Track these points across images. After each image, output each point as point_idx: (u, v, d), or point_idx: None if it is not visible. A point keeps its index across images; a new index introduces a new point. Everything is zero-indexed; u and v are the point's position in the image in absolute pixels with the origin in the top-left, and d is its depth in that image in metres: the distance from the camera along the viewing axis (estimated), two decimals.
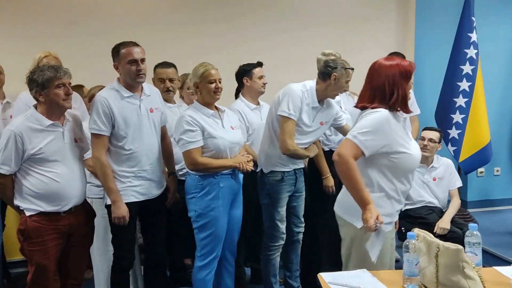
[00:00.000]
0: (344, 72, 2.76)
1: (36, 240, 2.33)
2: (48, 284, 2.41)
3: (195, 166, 2.59)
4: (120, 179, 2.55)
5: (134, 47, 2.54)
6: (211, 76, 2.60)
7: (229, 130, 2.68)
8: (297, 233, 3.04)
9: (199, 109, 2.64)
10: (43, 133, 2.31)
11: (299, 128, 2.78)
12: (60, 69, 2.34)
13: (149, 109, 2.62)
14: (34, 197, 2.32)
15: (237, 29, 4.28)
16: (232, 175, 2.69)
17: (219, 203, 2.63)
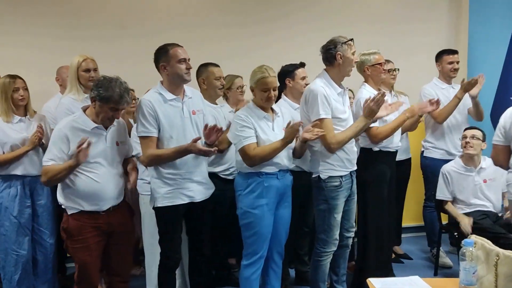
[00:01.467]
0: (346, 46, 2.75)
1: (78, 238, 2.44)
2: (92, 281, 2.52)
3: (252, 160, 2.62)
4: (167, 181, 2.59)
5: (180, 47, 2.61)
6: (266, 85, 2.64)
7: (279, 133, 2.69)
8: (347, 238, 2.99)
9: (253, 109, 2.69)
10: (87, 135, 2.41)
11: (339, 119, 2.78)
12: (124, 99, 2.41)
13: (192, 111, 2.66)
14: (76, 196, 2.43)
15: (280, 28, 4.29)
16: (278, 175, 2.69)
17: (263, 201, 2.65)
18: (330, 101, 2.73)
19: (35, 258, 3.10)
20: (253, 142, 2.62)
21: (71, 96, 3.01)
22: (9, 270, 3.00)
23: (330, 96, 2.74)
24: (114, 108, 2.43)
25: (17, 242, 2.99)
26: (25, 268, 3.03)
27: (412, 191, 4.10)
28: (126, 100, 2.43)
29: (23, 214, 3.00)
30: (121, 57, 3.89)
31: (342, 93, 2.84)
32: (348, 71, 2.81)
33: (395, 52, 3.91)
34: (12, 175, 2.97)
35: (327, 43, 2.81)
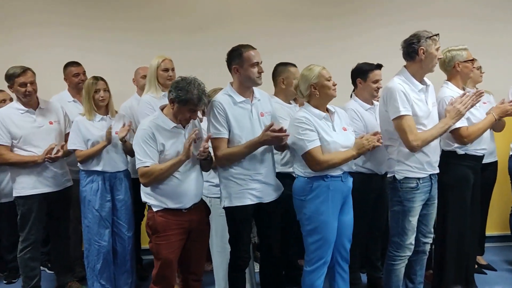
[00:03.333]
0: (430, 41, 2.59)
1: (163, 235, 2.50)
2: (171, 279, 2.58)
3: (320, 166, 2.53)
4: (237, 182, 2.61)
5: (254, 50, 2.61)
6: (329, 74, 2.58)
7: (340, 132, 2.61)
8: (424, 244, 2.83)
9: (312, 111, 2.60)
10: (168, 134, 2.50)
11: (420, 116, 2.63)
12: (202, 101, 2.47)
13: (260, 113, 2.67)
14: (160, 194, 2.51)
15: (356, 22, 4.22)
16: (342, 178, 2.61)
17: (328, 206, 2.57)
18: (409, 98, 2.60)
19: (115, 249, 3.29)
20: (318, 146, 2.52)
21: (150, 94, 3.18)
22: (92, 259, 3.23)
23: (409, 93, 2.61)
24: (192, 109, 2.49)
25: (98, 234, 3.20)
26: (106, 258, 3.23)
27: (498, 197, 3.80)
28: (204, 101, 2.48)
29: (104, 208, 3.20)
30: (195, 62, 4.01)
31: (424, 90, 2.68)
32: (430, 68, 2.66)
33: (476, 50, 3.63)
34: (94, 170, 3.17)
35: (410, 37, 2.67)
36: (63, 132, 3.32)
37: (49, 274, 3.68)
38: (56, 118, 3.29)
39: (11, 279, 3.72)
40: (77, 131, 3.14)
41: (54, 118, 3.28)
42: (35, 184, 3.16)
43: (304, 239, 2.66)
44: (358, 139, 2.62)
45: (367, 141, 2.57)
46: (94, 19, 4.12)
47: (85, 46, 4.05)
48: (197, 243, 2.65)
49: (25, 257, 3.21)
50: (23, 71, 3.12)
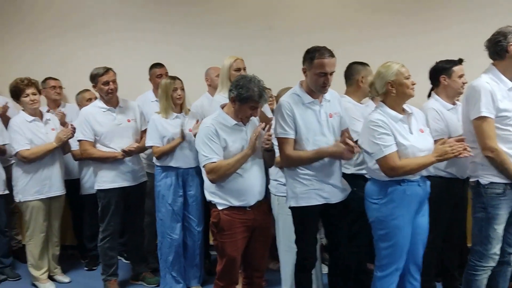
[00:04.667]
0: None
1: (228, 233, 2.53)
2: (235, 275, 2.61)
3: (395, 172, 2.40)
4: (303, 182, 2.59)
5: (329, 58, 2.50)
6: (407, 72, 2.45)
7: (417, 134, 2.47)
8: (509, 254, 2.63)
9: (387, 112, 2.46)
10: (229, 131, 2.53)
11: (507, 119, 2.44)
12: (263, 97, 2.48)
13: (329, 114, 2.62)
14: (224, 192, 2.54)
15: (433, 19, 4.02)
16: (419, 182, 2.47)
17: (403, 211, 2.44)
18: (496, 99, 2.42)
19: (185, 243, 3.41)
20: (394, 151, 2.39)
21: (223, 95, 3.18)
22: (164, 251, 3.37)
23: (497, 93, 2.43)
24: (253, 106, 2.50)
25: (170, 227, 3.33)
26: (177, 251, 3.36)
27: None
28: (264, 98, 2.49)
29: (176, 202, 3.32)
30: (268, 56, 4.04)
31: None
32: None
33: None
34: (168, 166, 3.31)
35: (495, 35, 2.51)
36: (139, 130, 3.49)
37: (125, 264, 3.90)
38: (133, 117, 3.48)
39: (91, 266, 3.98)
40: (154, 128, 3.29)
41: (131, 116, 3.47)
42: (115, 178, 3.36)
43: (376, 244, 2.57)
44: (440, 145, 2.43)
45: (451, 148, 2.37)
46: (171, 24, 4.30)
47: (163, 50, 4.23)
48: (260, 240, 2.65)
49: (104, 247, 3.42)
50: (106, 71, 3.34)
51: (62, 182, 3.63)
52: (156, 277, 3.57)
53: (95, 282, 3.59)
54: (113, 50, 4.29)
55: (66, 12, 4.40)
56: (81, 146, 3.37)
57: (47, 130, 3.54)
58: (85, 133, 3.33)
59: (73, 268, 3.94)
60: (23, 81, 3.48)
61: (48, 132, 3.53)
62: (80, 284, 3.68)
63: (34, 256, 3.56)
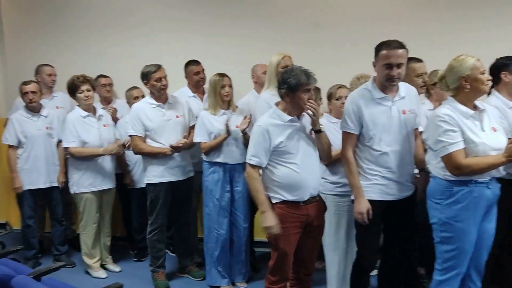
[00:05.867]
0: None
1: (281, 226, 2.52)
2: (287, 270, 2.60)
3: (460, 170, 2.30)
4: (366, 176, 2.56)
5: (395, 50, 2.45)
6: (482, 67, 2.34)
7: (490, 133, 2.34)
8: None
9: (457, 108, 2.35)
10: (284, 127, 2.52)
11: None
12: (311, 77, 2.49)
13: (402, 110, 2.55)
14: (278, 187, 2.54)
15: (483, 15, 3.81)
16: (489, 184, 2.34)
17: (469, 214, 2.32)
18: None
19: (231, 239, 3.44)
20: (461, 148, 2.28)
21: (270, 92, 3.20)
22: (211, 246, 3.41)
23: None
24: (306, 89, 2.48)
25: (218, 222, 3.37)
26: (223, 246, 3.39)
27: None
28: (313, 78, 2.48)
29: (223, 198, 3.36)
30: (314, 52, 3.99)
31: None
32: None
33: None
34: (216, 162, 3.35)
35: None
36: (187, 125, 3.56)
37: (172, 257, 3.98)
38: (181, 112, 3.54)
39: (140, 257, 4.11)
40: (202, 125, 3.35)
41: (180, 112, 3.53)
42: (163, 173, 3.44)
43: (437, 246, 2.45)
44: (510, 144, 2.30)
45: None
46: (214, 26, 4.34)
47: (206, 50, 4.27)
48: (312, 238, 2.64)
49: (153, 239, 3.52)
50: (158, 68, 3.42)
51: (113, 176, 3.77)
52: (201, 271, 3.63)
53: (143, 273, 3.70)
54: (161, 50, 4.36)
55: (117, 14, 4.55)
56: (133, 141, 3.47)
57: (99, 126, 3.69)
58: (136, 128, 3.43)
59: (123, 259, 4.08)
60: (78, 78, 3.64)
61: (100, 127, 3.68)
62: (129, 274, 3.80)
63: (87, 245, 3.73)
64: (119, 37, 4.53)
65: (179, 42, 4.41)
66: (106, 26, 4.57)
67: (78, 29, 4.63)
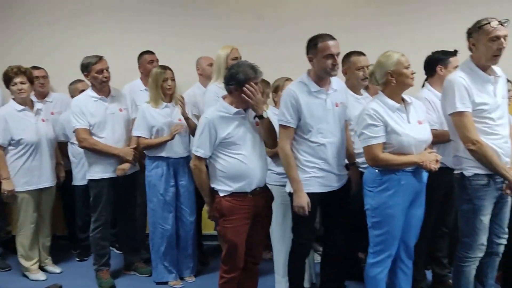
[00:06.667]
0: (482, 31, 2.35)
1: (229, 218, 2.56)
2: (239, 261, 2.63)
3: (376, 162, 2.48)
4: (304, 169, 2.62)
5: (332, 40, 2.55)
6: (407, 62, 2.46)
7: (415, 125, 2.49)
8: (497, 245, 2.64)
9: (384, 102, 2.49)
10: (231, 120, 2.54)
11: (485, 111, 2.43)
12: (258, 70, 2.52)
13: (335, 103, 2.64)
14: (225, 177, 2.56)
15: None
16: (415, 172, 2.49)
17: (397, 200, 2.48)
18: (471, 92, 2.41)
19: (178, 233, 3.40)
20: (380, 143, 2.44)
21: (218, 85, 3.17)
22: (156, 241, 3.37)
23: (471, 86, 2.42)
24: (255, 82, 2.51)
25: (162, 217, 3.32)
26: (169, 241, 3.36)
27: None
28: (260, 71, 2.52)
29: (168, 192, 3.31)
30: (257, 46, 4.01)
31: (493, 80, 2.48)
32: (492, 54, 2.42)
33: None
34: (159, 156, 3.29)
35: (473, 26, 2.47)
36: (130, 119, 3.47)
37: (118, 254, 3.89)
38: (125, 106, 3.45)
39: (83, 257, 3.97)
40: (143, 118, 3.28)
41: (123, 106, 3.44)
42: (106, 168, 3.34)
43: (369, 231, 2.60)
44: (428, 152, 2.48)
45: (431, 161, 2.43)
46: (160, 15, 4.26)
47: (151, 40, 4.18)
48: (260, 228, 2.68)
49: (96, 236, 3.41)
50: (100, 59, 3.30)
51: (52, 173, 3.59)
52: (148, 267, 3.57)
53: (87, 272, 3.58)
54: (102, 40, 4.23)
55: (57, 2, 4.34)
56: (79, 135, 3.29)
57: (37, 120, 3.50)
58: (81, 121, 3.28)
59: (65, 259, 3.93)
60: (12, 69, 3.43)
61: (37, 122, 3.49)
62: (71, 274, 3.66)
63: (24, 246, 3.54)
64: (57, 27, 4.32)
65: (121, 32, 4.29)
66: (43, 14, 4.33)
67: (15, 18, 4.35)
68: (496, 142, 2.44)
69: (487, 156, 2.41)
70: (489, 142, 2.43)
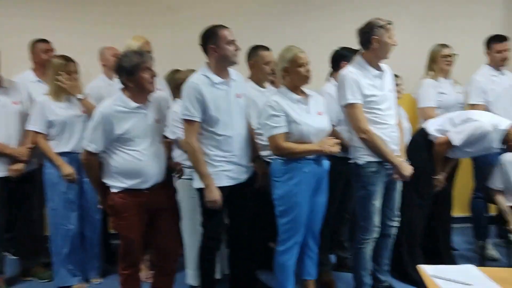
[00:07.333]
0: (383, 30, 2.59)
1: (122, 215, 2.49)
2: (135, 256, 2.59)
3: (279, 151, 2.59)
4: (212, 163, 2.61)
5: (227, 29, 2.59)
6: (301, 60, 2.57)
7: (315, 116, 2.63)
8: (390, 227, 2.89)
9: (285, 94, 2.62)
10: (129, 115, 2.45)
11: (374, 102, 2.64)
12: (145, 54, 2.47)
13: (237, 94, 2.67)
14: (119, 173, 2.48)
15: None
16: (317, 160, 2.64)
17: (301, 188, 2.60)
18: (361, 86, 2.61)
19: (83, 233, 3.23)
20: (282, 132, 2.55)
21: None
22: (58, 243, 3.15)
23: (361, 80, 2.62)
24: (144, 67, 2.42)
25: (65, 217, 3.12)
26: (73, 242, 3.17)
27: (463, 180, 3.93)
28: (147, 55, 2.48)
29: (71, 190, 3.12)
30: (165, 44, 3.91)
31: (380, 75, 2.70)
32: (385, 55, 2.67)
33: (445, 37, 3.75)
34: (60, 152, 3.09)
35: (364, 25, 2.67)
36: (26, 113, 3.20)
37: (13, 260, 3.57)
38: (19, 98, 3.17)
39: None
40: (40, 112, 3.05)
41: (17, 98, 3.16)
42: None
43: (277, 220, 2.70)
44: (327, 138, 2.63)
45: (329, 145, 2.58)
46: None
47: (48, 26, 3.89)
48: (166, 222, 2.63)
49: None
50: None
51: None
52: (48, 272, 3.33)
53: None
54: None
55: None
56: None
57: None
58: None
59: None
60: None
61: None
62: None
63: None
64: None
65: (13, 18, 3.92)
66: None
67: None
68: (384, 131, 2.67)
69: (376, 144, 2.63)
70: (378, 131, 2.65)
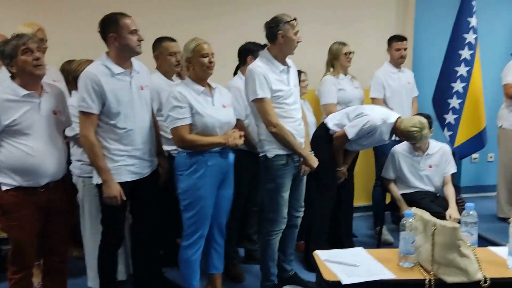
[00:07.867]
0: (288, 26, 2.69)
1: (14, 215, 2.28)
2: (27, 259, 2.38)
3: (183, 143, 2.55)
4: (113, 157, 2.50)
5: (130, 17, 2.49)
6: (204, 50, 2.55)
7: (219, 108, 2.63)
8: (296, 218, 2.98)
9: (190, 85, 2.58)
10: (18, 104, 2.24)
11: (281, 97, 2.71)
12: (24, 35, 2.27)
13: (140, 86, 2.57)
14: (9, 170, 2.26)
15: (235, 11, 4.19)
16: (221, 153, 2.64)
17: (206, 181, 2.59)
18: (269, 81, 2.67)
19: None
20: (186, 124, 2.53)
21: None
22: None
23: (268, 75, 2.68)
24: (25, 49, 2.23)
25: None
26: None
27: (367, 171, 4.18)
28: (27, 36, 2.28)
29: None
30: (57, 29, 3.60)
31: (286, 70, 2.78)
32: (290, 50, 2.75)
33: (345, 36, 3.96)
34: None
35: (270, 20, 2.73)
36: None
37: None
38: None
39: None
40: None
41: None
42: None
43: (182, 215, 2.66)
44: (229, 131, 2.64)
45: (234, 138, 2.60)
46: None
47: None
48: (58, 223, 2.45)
49: None
50: None
51: None
52: None
53: None
54: None
55: None
56: None
57: None
58: None
59: None
60: None
61: None
62: None
63: None
64: None
65: None
66: None
67: None
68: (292, 124, 2.77)
69: (286, 137, 2.71)
70: (286, 125, 2.73)
